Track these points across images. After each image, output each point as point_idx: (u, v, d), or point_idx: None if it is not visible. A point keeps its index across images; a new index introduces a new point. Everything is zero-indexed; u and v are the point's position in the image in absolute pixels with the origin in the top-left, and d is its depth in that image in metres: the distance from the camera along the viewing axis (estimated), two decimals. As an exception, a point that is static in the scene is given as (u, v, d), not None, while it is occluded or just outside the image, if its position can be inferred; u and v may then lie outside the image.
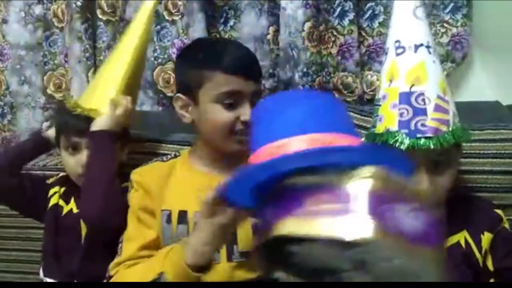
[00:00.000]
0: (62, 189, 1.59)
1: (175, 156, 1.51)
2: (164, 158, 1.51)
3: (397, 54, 1.31)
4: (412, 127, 1.23)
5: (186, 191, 1.37)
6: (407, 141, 1.21)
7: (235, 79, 1.32)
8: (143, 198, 1.40)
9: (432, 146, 1.21)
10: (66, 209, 1.55)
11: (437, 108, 1.25)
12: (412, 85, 1.26)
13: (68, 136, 1.51)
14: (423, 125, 1.23)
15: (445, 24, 1.88)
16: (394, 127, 1.25)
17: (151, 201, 1.39)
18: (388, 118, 1.28)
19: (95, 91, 1.58)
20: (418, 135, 1.22)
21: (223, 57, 1.35)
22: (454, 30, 1.87)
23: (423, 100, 1.24)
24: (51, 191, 1.60)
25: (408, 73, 1.27)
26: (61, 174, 1.65)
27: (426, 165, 1.24)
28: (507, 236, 1.36)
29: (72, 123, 1.51)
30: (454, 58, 1.88)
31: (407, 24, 1.31)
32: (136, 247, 1.34)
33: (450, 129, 1.24)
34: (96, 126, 1.46)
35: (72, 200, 1.56)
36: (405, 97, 1.26)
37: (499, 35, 1.89)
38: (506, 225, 1.37)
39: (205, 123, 1.37)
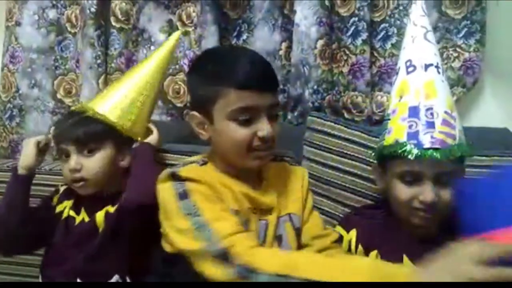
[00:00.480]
0: (71, 202, 1.59)
1: (205, 163, 1.38)
2: (200, 162, 1.38)
3: (408, 73, 1.38)
4: (420, 139, 1.29)
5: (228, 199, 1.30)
6: (415, 151, 1.27)
7: (249, 94, 1.24)
8: (209, 192, 1.26)
9: (439, 157, 1.26)
10: (78, 220, 1.56)
11: (445, 122, 1.30)
12: (422, 100, 1.33)
13: (61, 146, 1.54)
14: (431, 136, 1.28)
15: (457, 49, 1.89)
16: (403, 138, 1.31)
17: (218, 195, 1.28)
18: (397, 130, 1.34)
19: (110, 100, 1.61)
20: (426, 146, 1.27)
21: (234, 72, 1.27)
22: (467, 55, 1.88)
23: (432, 114, 1.31)
24: (60, 207, 1.60)
25: (418, 89, 1.34)
26: (63, 188, 1.66)
27: (432, 177, 1.29)
28: None
29: (63, 133, 1.55)
30: (465, 83, 1.89)
31: (418, 46, 1.39)
32: (233, 222, 1.21)
33: (457, 142, 1.30)
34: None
35: (83, 210, 1.56)
36: (414, 111, 1.32)
37: (511, 62, 1.90)
38: None
39: (221, 141, 1.32)
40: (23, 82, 2.21)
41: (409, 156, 1.28)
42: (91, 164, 1.51)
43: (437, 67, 1.37)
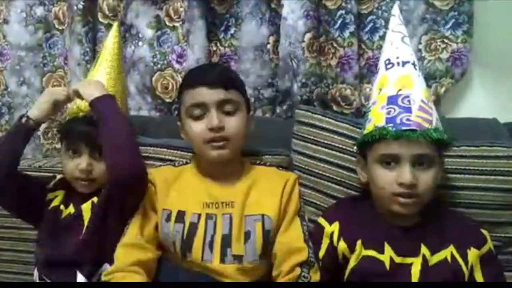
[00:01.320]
0: (63, 193, 1.60)
1: (186, 163, 1.59)
2: (176, 164, 1.61)
3: (387, 69, 1.47)
4: (398, 121, 1.36)
5: (187, 194, 1.48)
6: (392, 132, 1.34)
7: (198, 91, 1.43)
8: (152, 194, 1.49)
9: (416, 137, 1.32)
10: (65, 213, 1.56)
11: (421, 109, 1.37)
12: (399, 90, 1.40)
13: (70, 140, 1.55)
14: (408, 119, 1.35)
15: (445, 40, 1.89)
16: (381, 123, 1.38)
17: (156, 199, 1.48)
18: (377, 118, 1.41)
19: None
20: (403, 128, 1.34)
21: (189, 76, 1.53)
22: (454, 46, 1.88)
23: (409, 101, 1.38)
24: (52, 195, 1.60)
25: (396, 81, 1.42)
26: (59, 176, 1.65)
27: (409, 158, 1.34)
28: (493, 256, 1.43)
29: (74, 127, 1.56)
30: (453, 74, 1.89)
31: (396, 47, 1.48)
32: (139, 232, 1.44)
33: (433, 127, 1.35)
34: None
35: (71, 205, 1.57)
36: (393, 99, 1.40)
37: (498, 53, 1.90)
38: (491, 246, 1.43)
39: (188, 139, 1.50)
40: (11, 80, 2.21)
41: (387, 137, 1.34)
42: (102, 166, 1.50)
43: (413, 64, 1.45)
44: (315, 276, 1.38)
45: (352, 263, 1.43)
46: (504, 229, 1.54)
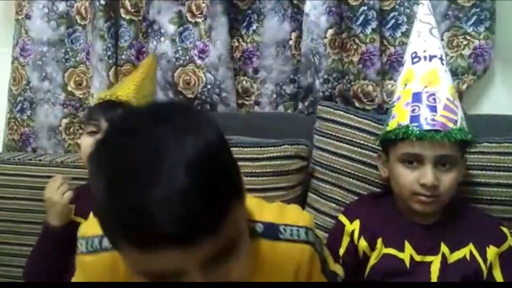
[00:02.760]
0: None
1: None
2: None
3: (413, 63, 1.44)
4: (422, 121, 1.34)
5: None
6: (416, 132, 1.32)
7: None
8: None
9: (439, 139, 1.31)
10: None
11: (446, 108, 1.35)
12: (425, 87, 1.38)
13: (91, 119, 1.57)
14: (432, 119, 1.33)
15: (467, 37, 1.88)
16: (405, 121, 1.36)
17: None
18: (401, 115, 1.39)
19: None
20: (427, 128, 1.32)
21: None
22: (477, 42, 1.87)
23: (434, 99, 1.36)
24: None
25: (422, 77, 1.40)
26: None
27: (432, 159, 1.32)
28: None
29: (96, 108, 1.61)
30: (475, 70, 1.88)
31: (423, 39, 1.45)
32: None
33: (458, 127, 1.34)
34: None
35: None
36: (418, 96, 1.38)
37: (521, 49, 1.90)
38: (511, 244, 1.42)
39: None
40: (33, 75, 2.21)
41: (410, 137, 1.32)
42: None
43: (440, 58, 1.42)
44: None
45: (372, 261, 1.44)
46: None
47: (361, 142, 1.67)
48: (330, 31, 1.88)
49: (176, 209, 0.68)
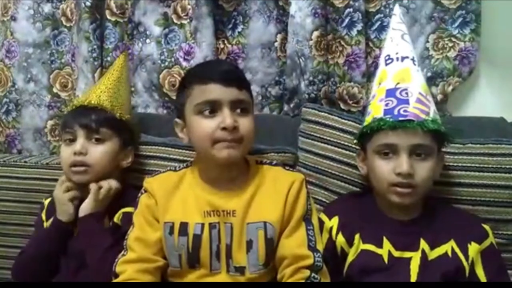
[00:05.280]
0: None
1: (187, 166, 1.55)
2: (177, 168, 1.55)
3: (386, 64, 1.50)
4: (395, 113, 1.39)
5: (189, 204, 1.43)
6: (390, 123, 1.37)
7: (211, 87, 1.36)
8: (152, 206, 1.44)
9: (412, 128, 1.35)
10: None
11: (419, 101, 1.41)
12: (397, 83, 1.44)
13: (67, 128, 1.57)
14: (405, 110, 1.38)
15: (453, 39, 1.88)
16: (380, 115, 1.42)
17: (157, 211, 1.43)
18: (375, 110, 1.45)
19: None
20: (400, 119, 1.37)
21: (198, 71, 1.47)
22: (462, 45, 1.87)
23: (406, 93, 1.41)
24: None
25: (395, 75, 1.46)
26: (47, 201, 1.68)
27: (406, 148, 1.36)
28: (495, 251, 1.44)
29: (71, 115, 1.60)
30: (460, 72, 1.88)
31: (396, 44, 1.52)
32: (142, 247, 1.40)
33: (431, 118, 1.38)
34: (82, 211, 1.54)
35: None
36: (391, 92, 1.44)
37: (506, 51, 1.91)
38: (493, 241, 1.43)
39: (192, 137, 1.43)
40: (19, 77, 2.21)
41: (384, 127, 1.38)
42: (97, 151, 1.55)
43: (412, 59, 1.48)
44: (325, 279, 1.36)
45: (350, 257, 1.46)
46: (509, 227, 1.54)
47: (346, 143, 1.67)
48: (316, 33, 1.87)
49: (223, 67, 1.46)
